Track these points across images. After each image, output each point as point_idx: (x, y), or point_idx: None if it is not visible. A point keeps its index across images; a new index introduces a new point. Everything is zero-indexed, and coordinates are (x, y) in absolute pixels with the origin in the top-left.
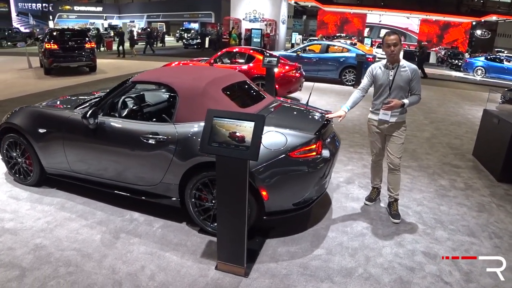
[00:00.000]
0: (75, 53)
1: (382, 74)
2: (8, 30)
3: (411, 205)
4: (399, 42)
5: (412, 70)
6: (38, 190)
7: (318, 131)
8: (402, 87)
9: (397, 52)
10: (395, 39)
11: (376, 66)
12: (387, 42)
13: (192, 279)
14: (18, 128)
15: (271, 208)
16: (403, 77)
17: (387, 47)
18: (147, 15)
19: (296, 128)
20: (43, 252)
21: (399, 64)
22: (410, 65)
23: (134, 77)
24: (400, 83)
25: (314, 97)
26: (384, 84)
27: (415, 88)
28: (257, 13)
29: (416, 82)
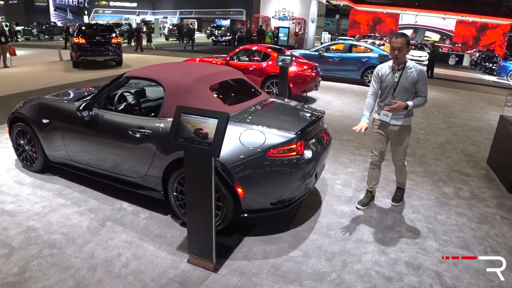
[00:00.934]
0: (102, 47)
1: (388, 76)
2: (46, 24)
3: (405, 212)
4: (405, 46)
5: (418, 71)
6: (41, 177)
7: (301, 130)
8: (407, 89)
9: (401, 56)
10: (400, 43)
11: (382, 67)
12: (392, 44)
13: (162, 270)
14: (25, 117)
15: (247, 206)
16: (408, 78)
17: (392, 49)
18: (180, 11)
19: (278, 127)
20: (33, 234)
21: (405, 65)
22: (416, 66)
23: (128, 72)
24: (405, 85)
25: (331, 97)
26: (389, 86)
27: (421, 90)
28: (286, 11)
29: (422, 83)
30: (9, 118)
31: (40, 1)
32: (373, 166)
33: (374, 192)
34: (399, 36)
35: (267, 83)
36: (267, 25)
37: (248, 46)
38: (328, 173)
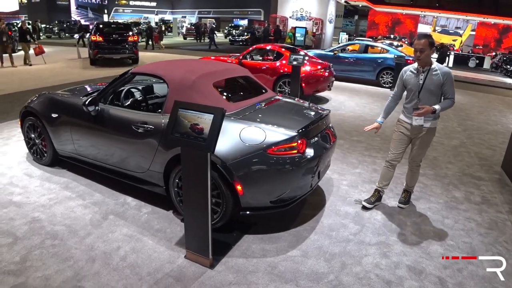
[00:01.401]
0: (119, 45)
1: (412, 78)
2: (66, 22)
3: (411, 215)
4: (427, 48)
5: (443, 73)
6: (50, 170)
7: (302, 129)
8: (433, 91)
9: (424, 58)
10: (421, 45)
11: (407, 69)
12: (414, 46)
13: (159, 264)
14: (35, 112)
15: (247, 204)
16: (434, 81)
17: (414, 51)
18: (198, 11)
19: (279, 125)
20: (37, 225)
21: (431, 67)
22: (442, 68)
23: (134, 68)
24: (431, 87)
25: (345, 97)
26: (414, 88)
27: (447, 92)
28: (304, 11)
29: (448, 86)
30: (21, 112)
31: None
32: (388, 165)
33: (383, 193)
34: (421, 37)
35: (279, 83)
36: (284, 25)
37: (261, 45)
38: (335, 174)
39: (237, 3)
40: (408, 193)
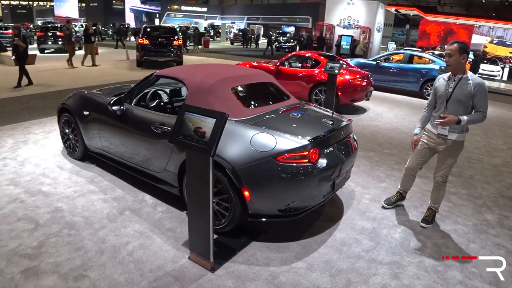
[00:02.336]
0: (164, 48)
1: (442, 86)
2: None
3: (433, 236)
4: (456, 53)
5: (475, 84)
6: (80, 164)
7: (316, 138)
8: (462, 101)
9: (453, 63)
10: (450, 50)
11: (440, 77)
12: (445, 51)
13: (163, 262)
14: (70, 108)
15: (255, 210)
16: (463, 90)
17: (445, 56)
18: (247, 17)
19: (292, 133)
20: (59, 215)
21: (463, 76)
22: (475, 79)
23: (158, 71)
24: (459, 97)
25: (384, 108)
26: (442, 96)
27: (478, 104)
28: (351, 19)
29: (479, 98)
30: (58, 108)
31: (118, 4)
32: (408, 172)
33: (405, 194)
34: (453, 43)
35: (315, 90)
36: (331, 33)
37: (300, 52)
38: (359, 186)
39: (285, 10)
40: (433, 211)
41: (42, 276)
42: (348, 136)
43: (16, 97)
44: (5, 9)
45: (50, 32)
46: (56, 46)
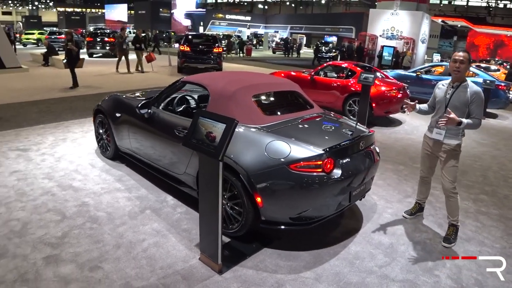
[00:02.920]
0: (204, 56)
1: (441, 92)
2: (166, 32)
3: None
4: (467, 62)
5: (472, 92)
6: (111, 163)
7: (332, 148)
8: (458, 108)
9: (462, 70)
10: (463, 57)
11: (441, 83)
12: (454, 57)
13: (173, 261)
14: (104, 110)
15: (266, 217)
16: (460, 97)
17: (453, 62)
18: (291, 26)
19: (307, 142)
20: (84, 209)
21: (462, 83)
22: (473, 87)
23: (185, 77)
24: (456, 103)
25: (422, 122)
26: (440, 102)
27: (473, 111)
28: (395, 30)
29: (476, 105)
30: (94, 110)
31: (164, 12)
32: (422, 180)
33: (423, 204)
34: (462, 51)
35: (349, 101)
36: (373, 44)
37: (335, 62)
38: (382, 200)
39: (329, 20)
40: (454, 228)
41: (61, 264)
42: (369, 147)
43: (62, 98)
44: (60, 16)
45: (99, 38)
46: (104, 51)
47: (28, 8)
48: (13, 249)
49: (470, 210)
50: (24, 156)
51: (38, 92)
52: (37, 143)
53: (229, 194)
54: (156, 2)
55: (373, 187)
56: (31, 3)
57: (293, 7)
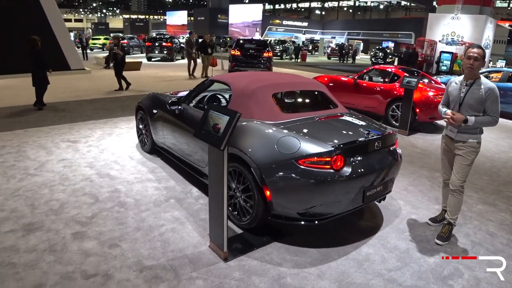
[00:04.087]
0: (254, 60)
1: (455, 90)
2: (223, 37)
3: (476, 268)
4: (482, 59)
5: (487, 89)
6: (147, 156)
7: (342, 145)
8: (473, 106)
9: (476, 68)
10: (477, 54)
11: (453, 80)
12: (468, 54)
13: (185, 246)
14: (143, 107)
15: (275, 210)
16: (474, 95)
17: (467, 59)
18: (348, 32)
19: (318, 138)
20: (115, 194)
21: (475, 81)
22: (487, 84)
23: (213, 76)
24: (470, 101)
25: None
26: (454, 101)
27: (489, 109)
28: (455, 35)
29: (490, 102)
30: (136, 107)
31: (222, 18)
32: (444, 183)
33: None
34: (476, 47)
35: (392, 106)
36: (432, 49)
37: (380, 66)
38: (408, 205)
39: (388, 26)
40: (450, 227)
41: (86, 240)
42: (388, 147)
43: (116, 97)
44: (126, 22)
45: (157, 43)
46: (162, 55)
47: (97, 16)
48: (48, 224)
49: (506, 222)
50: (73, 147)
51: (96, 91)
52: (86, 136)
53: (242, 186)
54: (214, 9)
55: (402, 192)
56: (100, 11)
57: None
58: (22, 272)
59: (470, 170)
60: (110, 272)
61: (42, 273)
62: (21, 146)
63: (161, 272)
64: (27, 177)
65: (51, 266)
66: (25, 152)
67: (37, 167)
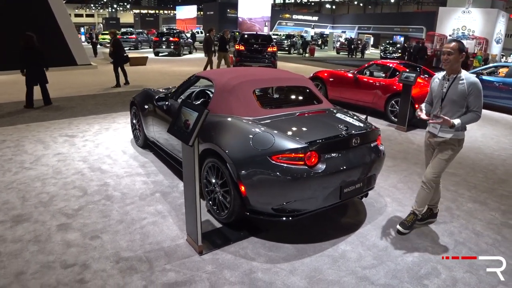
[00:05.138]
0: (259, 55)
1: (437, 86)
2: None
3: (455, 268)
4: (456, 52)
5: (469, 83)
6: (140, 151)
7: (317, 141)
8: (456, 102)
9: (452, 61)
10: (450, 48)
11: (436, 76)
12: (443, 49)
13: (163, 239)
14: (136, 102)
15: (250, 206)
16: (457, 90)
17: (443, 54)
18: (358, 26)
19: (293, 135)
20: (104, 188)
21: (457, 75)
22: (469, 78)
23: (198, 72)
24: (453, 97)
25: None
26: (437, 96)
27: (472, 104)
28: (466, 29)
29: (473, 97)
30: (130, 102)
31: (231, 13)
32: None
33: (435, 210)
34: (451, 41)
35: (391, 102)
36: (441, 44)
37: (380, 61)
38: (395, 203)
39: (398, 20)
40: (415, 217)
41: (69, 231)
42: (368, 144)
43: (118, 92)
44: (136, 17)
45: (164, 38)
46: (169, 50)
47: (108, 11)
48: (36, 216)
49: (495, 222)
50: (70, 141)
51: (100, 86)
52: (84, 131)
53: (220, 181)
54: (223, 3)
55: (390, 189)
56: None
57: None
58: (6, 261)
59: (446, 167)
60: (88, 262)
61: (24, 262)
62: (21, 140)
63: (137, 264)
64: (22, 171)
65: (33, 255)
66: (23, 147)
67: (32, 161)
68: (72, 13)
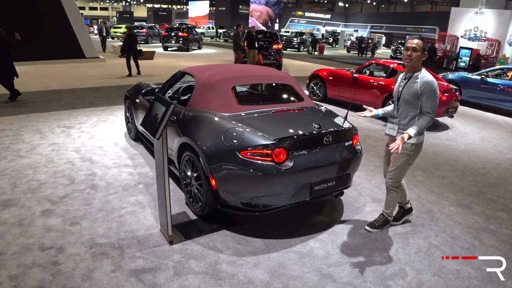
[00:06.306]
0: (264, 52)
1: (397, 85)
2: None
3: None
4: (420, 50)
5: (422, 83)
6: (132, 143)
7: (285, 138)
8: (409, 102)
9: (414, 59)
10: (415, 44)
11: (398, 75)
12: (407, 45)
13: (138, 228)
14: (128, 96)
15: (222, 199)
16: (410, 89)
17: (406, 50)
18: (371, 25)
19: (264, 131)
20: (91, 178)
21: (414, 74)
22: (424, 77)
23: (183, 68)
24: (406, 96)
25: (473, 128)
26: (395, 96)
27: (424, 105)
28: (478, 31)
29: (426, 98)
30: (124, 96)
31: (243, 9)
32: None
33: (406, 206)
34: (416, 38)
35: (388, 101)
36: (453, 45)
37: (379, 60)
38: (375, 203)
39: (412, 19)
40: (383, 217)
41: (52, 217)
42: (342, 142)
43: (121, 85)
44: (149, 11)
45: (173, 33)
46: (177, 45)
47: (122, 4)
48: (23, 201)
49: (475, 226)
50: (66, 132)
51: (105, 79)
52: (81, 123)
53: (195, 174)
54: None
55: (373, 189)
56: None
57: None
58: None
59: (401, 173)
60: (64, 246)
61: (5, 243)
62: (20, 130)
63: (109, 250)
64: (16, 159)
65: (15, 238)
66: (22, 136)
67: (28, 150)
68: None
